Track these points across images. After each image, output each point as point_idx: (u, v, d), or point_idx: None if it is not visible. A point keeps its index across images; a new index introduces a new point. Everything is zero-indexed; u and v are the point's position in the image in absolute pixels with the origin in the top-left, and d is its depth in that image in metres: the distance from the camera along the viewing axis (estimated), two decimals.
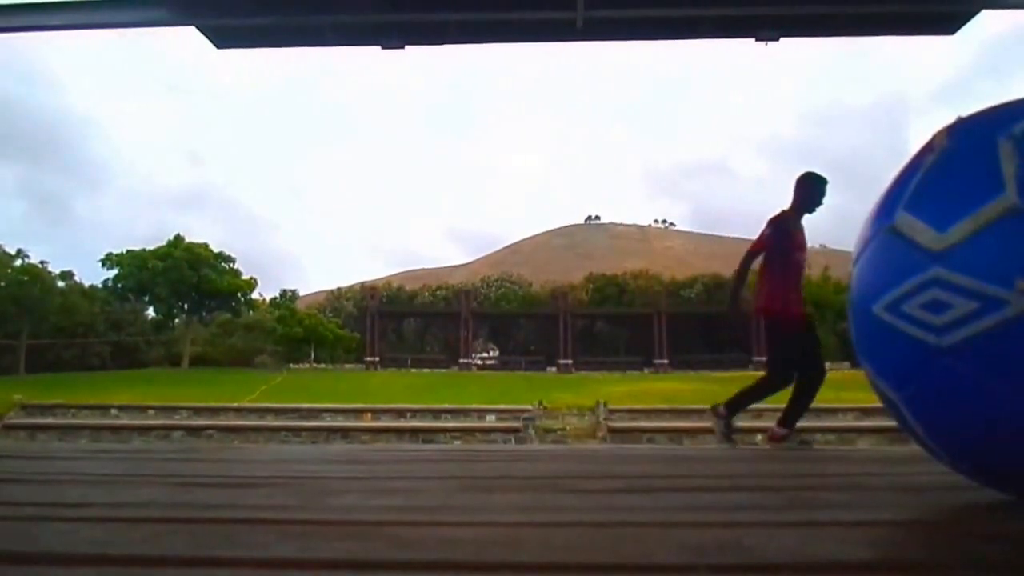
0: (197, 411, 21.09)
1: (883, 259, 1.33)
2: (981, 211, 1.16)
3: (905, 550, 0.96)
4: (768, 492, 1.73)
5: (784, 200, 5.07)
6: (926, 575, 0.75)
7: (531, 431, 18.29)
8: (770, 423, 5.00)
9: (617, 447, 9.63)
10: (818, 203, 5.10)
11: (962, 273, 1.15)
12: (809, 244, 5.24)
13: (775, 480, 2.04)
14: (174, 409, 21.28)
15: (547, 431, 18.88)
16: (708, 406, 5.29)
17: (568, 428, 19.46)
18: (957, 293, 1.15)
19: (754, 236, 5.17)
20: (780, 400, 4.78)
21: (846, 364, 40.09)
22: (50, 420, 19.30)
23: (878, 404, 1.52)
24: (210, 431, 18.07)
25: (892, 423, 1.48)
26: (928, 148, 1.34)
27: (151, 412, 20.94)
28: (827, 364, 5.17)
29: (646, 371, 47.49)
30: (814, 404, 4.94)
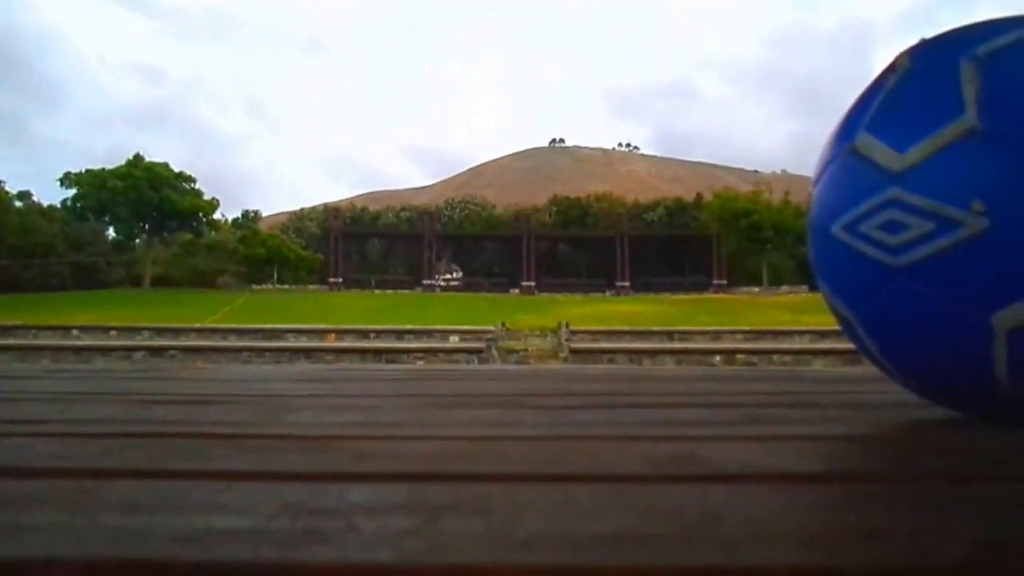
0: (159, 332, 21.11)
1: (842, 180, 1.33)
2: (940, 132, 1.16)
3: (856, 463, 0.98)
4: (723, 409, 1.75)
5: (748, 125, 5.03)
6: (876, 485, 0.76)
7: (494, 352, 18.43)
8: (729, 344, 5.05)
9: (578, 367, 9.71)
10: None
11: (920, 194, 1.15)
12: (770, 169, 5.22)
13: (730, 398, 2.07)
14: (136, 330, 21.27)
15: (510, 352, 19.04)
16: (668, 328, 5.32)
17: (530, 349, 19.64)
18: (914, 214, 1.15)
19: (720, 161, 5.15)
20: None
21: (804, 287, 40.62)
22: (10, 341, 19.23)
23: (834, 327, 1.53)
24: (172, 352, 18.07)
25: (847, 345, 1.50)
26: (891, 69, 1.33)
27: (113, 333, 20.94)
28: (786, 287, 5.20)
29: (608, 293, 47.83)
30: (771, 327, 4.98)
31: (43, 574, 0.43)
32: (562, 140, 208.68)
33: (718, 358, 17.20)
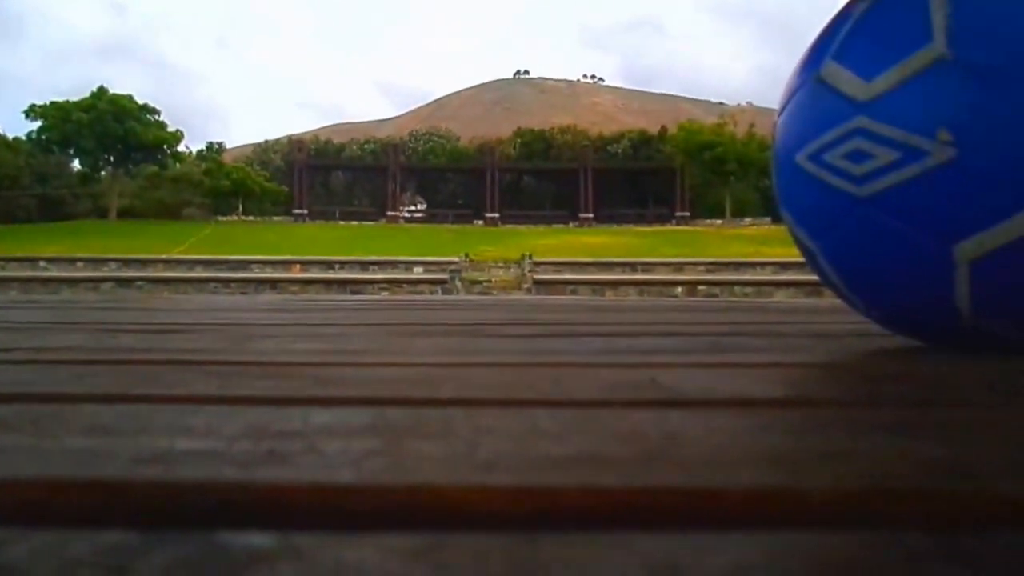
0: (126, 263, 20.97)
1: (808, 108, 1.32)
2: (908, 60, 1.15)
3: (816, 388, 0.99)
4: (684, 337, 1.77)
5: (715, 58, 4.97)
6: (835, 410, 0.77)
7: (457, 283, 18.44)
8: (691, 275, 5.07)
9: (541, 298, 9.74)
10: None
11: (886, 123, 1.15)
12: (735, 102, 5.19)
13: (692, 327, 2.09)
14: (103, 261, 21.10)
15: (473, 283, 19.08)
16: (630, 259, 5.32)
17: (494, 280, 19.69)
18: (879, 143, 1.15)
19: (686, 93, 5.09)
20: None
21: (767, 220, 40.84)
22: None
23: (796, 259, 1.54)
24: (139, 282, 17.97)
25: (810, 277, 1.51)
26: None
27: (80, 264, 20.79)
28: (749, 220, 5.21)
29: (571, 225, 47.88)
30: (733, 258, 5.00)
31: (8, 493, 0.43)
32: (527, 72, 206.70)
33: (680, 289, 17.28)
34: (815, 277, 1.48)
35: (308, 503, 0.43)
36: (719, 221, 46.12)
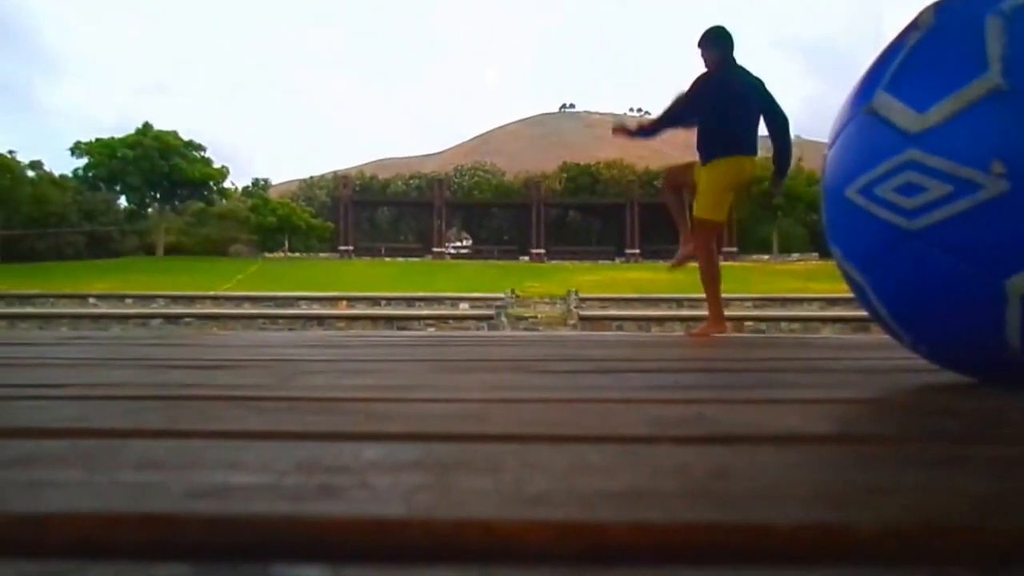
0: (174, 299, 21.21)
1: (858, 141, 1.31)
2: (963, 91, 1.14)
3: (863, 424, 0.98)
4: (731, 374, 1.76)
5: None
6: (883, 446, 0.76)
7: (503, 318, 18.46)
8: (737, 311, 5.05)
9: (587, 334, 9.72)
10: None
11: (938, 155, 1.14)
12: None
13: (739, 363, 2.08)
14: (151, 298, 21.36)
15: (519, 318, 19.08)
16: (676, 295, 5.32)
17: (539, 316, 19.68)
18: (932, 175, 1.14)
19: None
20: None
21: (814, 255, 40.48)
22: (29, 309, 19.35)
23: (844, 294, 1.53)
24: (187, 319, 18.17)
25: (857, 312, 1.50)
26: (913, 26, 1.30)
27: (129, 301, 21.06)
28: (796, 255, 5.18)
29: (617, 261, 47.74)
30: (780, 294, 4.99)
31: (66, 527, 0.44)
32: (572, 105, 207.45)
33: (727, 325, 17.14)
34: (863, 312, 1.47)
35: (359, 537, 0.43)
36: (766, 256, 45.83)
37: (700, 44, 4.94)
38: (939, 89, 1.17)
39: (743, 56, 4.88)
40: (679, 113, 4.92)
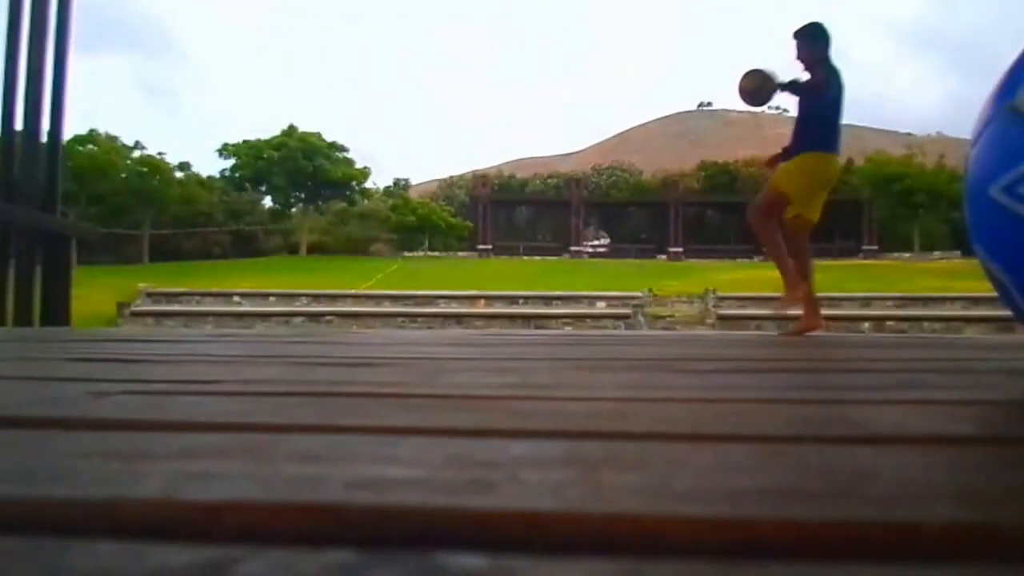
0: (316, 298, 21.75)
1: (1002, 139, 1.28)
2: None
3: (1009, 426, 0.96)
4: (874, 374, 1.73)
5: (902, 86, 4.83)
6: None
7: (640, 317, 18.39)
8: (879, 311, 4.91)
9: (725, 333, 9.60)
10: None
11: None
12: (924, 132, 5.04)
13: (880, 363, 2.03)
14: (294, 296, 21.97)
15: (656, 318, 18.98)
16: (817, 293, 5.15)
17: (677, 315, 19.54)
18: None
19: (873, 124, 4.95)
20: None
21: (957, 253, 39.09)
22: (175, 307, 20.16)
23: (988, 293, 1.49)
24: (329, 317, 18.66)
25: (1002, 312, 1.45)
26: None
27: (272, 299, 21.70)
28: (938, 253, 5.00)
29: (756, 259, 46.75)
30: (922, 293, 4.81)
31: (234, 515, 0.47)
32: (710, 103, 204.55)
33: (867, 324, 16.77)
34: (1008, 312, 1.42)
35: (513, 528, 0.44)
36: (907, 255, 44.52)
37: (799, 36, 4.83)
38: None
39: (882, 49, 4.76)
40: (822, 95, 4.79)
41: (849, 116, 4.87)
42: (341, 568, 0.38)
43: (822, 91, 4.74)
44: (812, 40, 4.81)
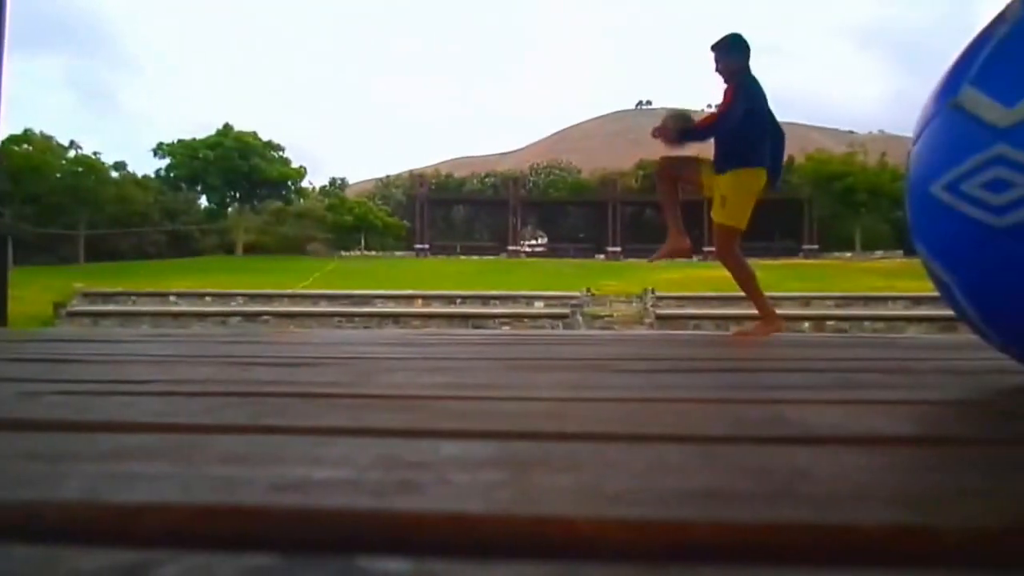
0: (252, 297, 21.53)
1: (944, 136, 1.28)
2: None
3: (949, 426, 0.97)
4: (813, 373, 1.74)
5: (844, 84, 4.89)
6: (970, 448, 0.75)
7: (579, 317, 18.45)
8: (819, 310, 4.98)
9: (664, 333, 9.67)
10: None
11: None
12: (866, 130, 5.11)
13: (820, 363, 2.05)
14: (230, 296, 21.72)
15: (595, 317, 19.04)
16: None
17: (616, 314, 19.62)
18: (1020, 171, 1.10)
19: (814, 122, 5.02)
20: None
21: (899, 253, 39.69)
22: (112, 307, 19.84)
23: (930, 292, 1.50)
24: (266, 317, 18.49)
25: (943, 311, 1.47)
26: (1000, 19, 1.26)
27: (208, 299, 21.43)
28: (880, 252, 5.08)
29: (695, 258, 47.14)
30: (863, 293, 4.89)
31: (155, 517, 0.46)
32: (649, 102, 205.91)
33: (807, 324, 16.99)
34: (949, 312, 1.44)
35: (440, 532, 0.44)
36: (848, 254, 44.93)
37: (717, 49, 4.88)
38: None
39: (821, 47, 4.82)
40: (723, 123, 4.84)
41: (790, 114, 4.95)
42: (260, 572, 0.37)
43: (728, 114, 4.78)
44: (728, 52, 4.85)
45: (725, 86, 4.83)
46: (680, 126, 4.97)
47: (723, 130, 4.83)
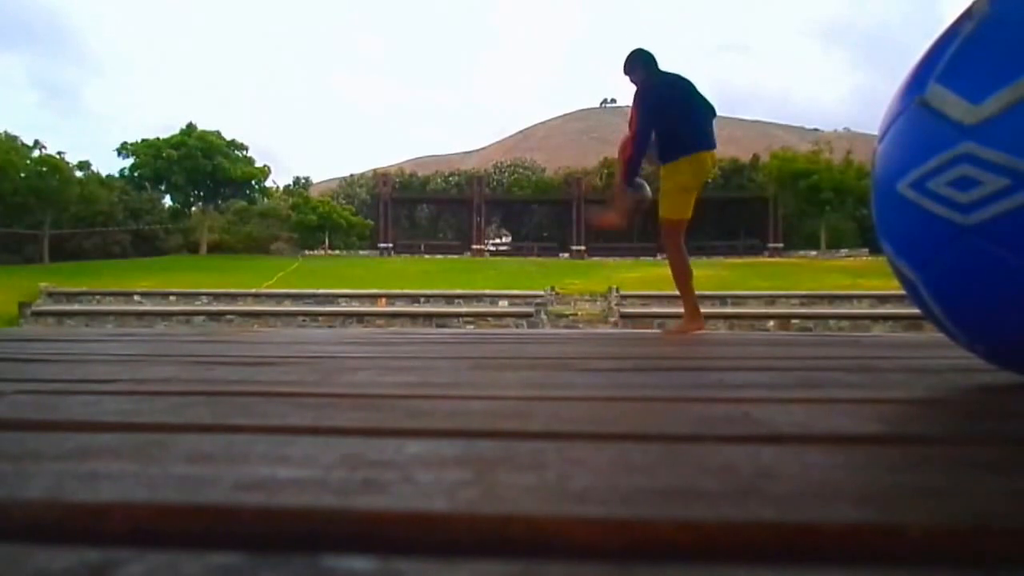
0: (217, 297, 21.40)
1: (910, 134, 1.28)
2: (1020, 82, 1.10)
3: (914, 425, 0.97)
4: (778, 372, 1.75)
5: (809, 81, 4.93)
6: (934, 447, 0.76)
7: (543, 316, 18.47)
8: (784, 309, 5.00)
9: (628, 332, 9.69)
10: None
11: (995, 148, 1.10)
12: (831, 128, 5.15)
13: (785, 362, 2.06)
14: (195, 295, 21.58)
15: (559, 316, 19.07)
16: (720, 292, 5.25)
17: (580, 313, 19.65)
18: (987, 169, 1.11)
19: (778, 119, 5.05)
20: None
21: (865, 251, 39.94)
22: (77, 307, 19.66)
23: (895, 291, 1.51)
24: (230, 316, 18.38)
25: (909, 310, 1.48)
26: (966, 15, 1.26)
27: (172, 298, 21.29)
28: (845, 251, 5.11)
29: (659, 257, 47.24)
30: (829, 291, 4.93)
31: (120, 516, 0.45)
32: (613, 100, 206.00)
33: (772, 323, 17.07)
34: (915, 310, 1.44)
35: (405, 530, 0.44)
36: (813, 252, 45.04)
37: (626, 71, 4.97)
38: (995, 80, 1.13)
39: (787, 44, 4.86)
40: (642, 137, 4.90)
41: (755, 111, 5.01)
42: (225, 571, 0.37)
43: (639, 125, 4.85)
44: (632, 70, 4.96)
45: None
46: (620, 188, 5.07)
47: (645, 136, 4.88)
